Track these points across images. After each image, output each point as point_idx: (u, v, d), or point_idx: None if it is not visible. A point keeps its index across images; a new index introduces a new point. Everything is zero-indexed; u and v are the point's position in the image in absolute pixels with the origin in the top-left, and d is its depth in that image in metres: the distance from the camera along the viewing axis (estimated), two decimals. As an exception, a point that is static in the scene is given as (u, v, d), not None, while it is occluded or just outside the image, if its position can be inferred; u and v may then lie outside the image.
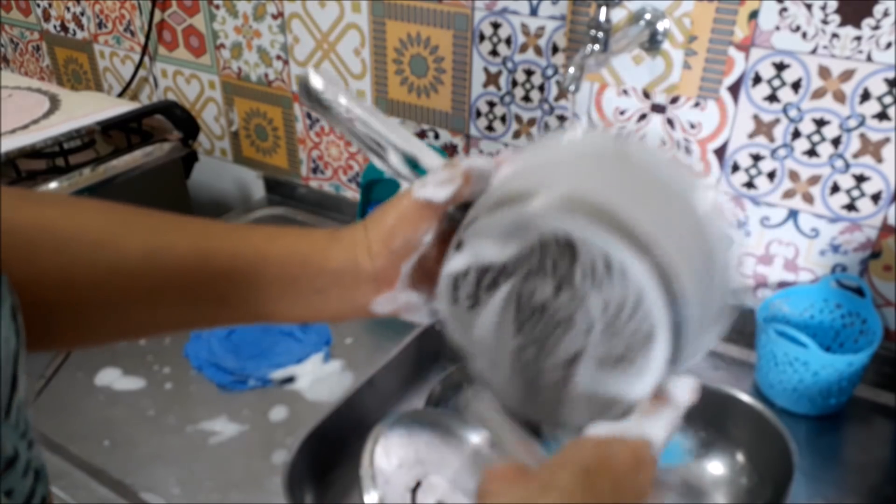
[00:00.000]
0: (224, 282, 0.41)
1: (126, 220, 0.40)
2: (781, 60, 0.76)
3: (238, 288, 0.41)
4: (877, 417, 0.79)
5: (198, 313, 0.42)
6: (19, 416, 0.27)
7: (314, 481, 0.76)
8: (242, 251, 0.41)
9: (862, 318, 0.80)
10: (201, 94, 1.26)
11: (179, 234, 0.40)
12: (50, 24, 1.39)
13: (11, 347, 0.27)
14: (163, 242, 0.39)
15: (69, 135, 1.01)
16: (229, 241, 0.41)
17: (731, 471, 0.81)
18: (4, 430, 0.26)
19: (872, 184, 0.77)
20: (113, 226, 0.39)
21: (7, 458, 0.26)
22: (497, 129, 0.97)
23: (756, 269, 0.87)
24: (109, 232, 0.38)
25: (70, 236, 0.37)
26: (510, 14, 0.89)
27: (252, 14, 1.11)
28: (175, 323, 0.43)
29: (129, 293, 0.39)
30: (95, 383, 0.83)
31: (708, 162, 0.84)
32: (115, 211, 0.40)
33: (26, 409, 0.28)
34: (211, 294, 0.41)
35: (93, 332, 0.40)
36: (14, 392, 0.26)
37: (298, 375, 0.84)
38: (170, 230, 0.40)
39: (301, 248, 0.42)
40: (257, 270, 0.41)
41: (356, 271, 0.42)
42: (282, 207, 1.21)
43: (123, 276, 0.38)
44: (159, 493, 0.70)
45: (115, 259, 0.38)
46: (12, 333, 0.27)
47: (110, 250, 0.38)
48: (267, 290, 0.42)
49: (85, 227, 0.38)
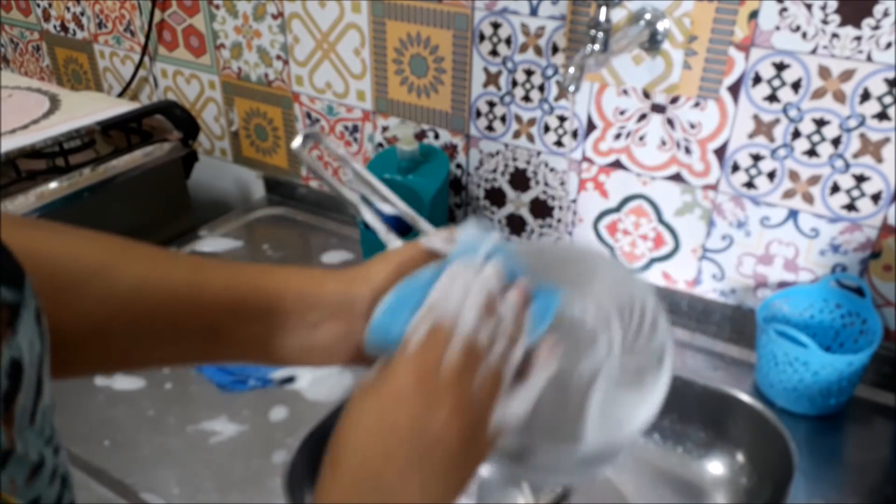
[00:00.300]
0: (215, 315, 0.40)
1: (119, 250, 0.39)
2: (781, 60, 0.76)
3: (229, 321, 0.40)
4: (877, 417, 0.79)
5: (189, 348, 0.41)
6: (44, 421, 0.27)
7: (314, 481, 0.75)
8: (235, 283, 0.41)
9: (862, 318, 0.80)
10: (201, 94, 1.26)
11: (172, 266, 0.40)
12: (50, 24, 1.39)
13: (36, 351, 0.26)
14: (154, 274, 0.39)
15: (69, 135, 1.01)
16: (222, 274, 0.41)
17: (730, 471, 0.81)
18: (30, 436, 0.25)
19: (872, 184, 0.77)
20: (105, 255, 0.38)
21: (33, 464, 0.25)
22: (497, 129, 0.97)
23: (756, 269, 0.87)
24: (101, 261, 0.38)
25: (62, 264, 0.37)
26: (510, 14, 0.89)
27: (252, 14, 1.11)
28: (165, 357, 0.42)
29: (116, 324, 0.38)
30: (95, 383, 0.83)
31: (708, 162, 0.84)
32: (108, 241, 0.39)
33: (52, 414, 0.28)
34: (202, 327, 0.40)
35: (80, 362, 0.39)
36: (39, 397, 0.26)
37: (298, 375, 0.84)
38: (162, 262, 0.40)
39: (297, 280, 0.42)
40: (249, 303, 0.40)
41: (353, 303, 0.41)
42: (282, 207, 1.21)
43: (112, 306, 0.37)
44: (159, 493, 0.70)
45: (105, 288, 0.37)
46: (37, 337, 0.26)
47: (101, 279, 0.37)
48: (260, 324, 0.41)
49: (77, 254, 0.37)
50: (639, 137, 0.87)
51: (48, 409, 0.27)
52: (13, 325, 0.24)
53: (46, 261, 0.36)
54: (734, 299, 0.90)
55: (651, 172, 0.88)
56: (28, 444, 0.25)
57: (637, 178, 0.89)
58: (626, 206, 0.92)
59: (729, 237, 0.87)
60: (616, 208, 0.93)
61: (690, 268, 0.91)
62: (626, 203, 0.92)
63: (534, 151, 0.95)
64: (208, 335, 0.40)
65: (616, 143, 0.89)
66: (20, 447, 0.24)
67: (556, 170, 0.95)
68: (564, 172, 0.94)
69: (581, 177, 0.93)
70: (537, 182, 0.97)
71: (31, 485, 0.25)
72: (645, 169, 0.88)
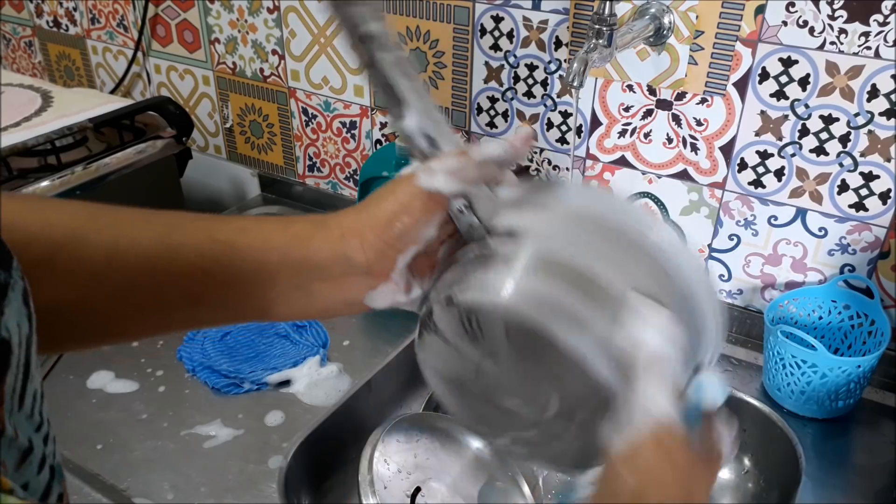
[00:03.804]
0: (193, 280, 0.37)
1: (89, 216, 0.37)
2: (789, 56, 0.74)
3: (210, 286, 0.38)
4: (884, 420, 0.78)
5: (174, 314, 0.38)
6: (34, 407, 0.26)
7: (311, 487, 0.74)
8: (210, 246, 0.37)
9: (870, 318, 0.78)
10: (195, 90, 1.24)
11: (143, 229, 0.37)
12: (42, 19, 1.37)
13: (25, 332, 0.26)
14: (125, 240, 0.36)
15: (61, 132, 0.99)
16: (197, 234, 0.38)
17: (737, 475, 0.79)
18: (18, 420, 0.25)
19: (881, 182, 0.75)
20: (76, 222, 0.36)
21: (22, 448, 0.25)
22: (499, 125, 0.95)
23: (764, 269, 0.86)
24: (72, 229, 0.35)
25: (34, 234, 0.35)
26: (512, 7, 0.87)
27: (247, 8, 1.09)
28: (151, 326, 0.39)
29: (93, 294, 0.36)
30: (88, 386, 0.82)
31: (715, 159, 0.83)
32: (78, 207, 0.37)
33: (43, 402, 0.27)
34: (181, 294, 0.37)
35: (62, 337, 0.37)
36: (27, 379, 0.26)
37: (295, 378, 0.83)
38: (133, 226, 0.37)
39: (279, 240, 0.38)
40: (229, 266, 0.37)
41: (345, 263, 0.38)
42: (277, 206, 1.20)
43: (85, 276, 0.35)
44: (153, 497, 0.68)
45: (76, 257, 0.35)
46: (25, 318, 0.26)
47: (72, 248, 0.35)
48: (241, 288, 0.38)
49: (49, 224, 0.35)
50: (644, 134, 0.85)
51: (38, 395, 0.26)
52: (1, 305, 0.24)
53: (22, 233, 0.34)
54: (741, 300, 0.89)
55: (657, 170, 0.87)
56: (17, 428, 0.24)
57: (643, 175, 0.88)
58: (630, 204, 0.90)
59: (736, 237, 0.85)
60: (619, 207, 0.91)
61: (695, 268, 0.90)
62: (632, 201, 0.90)
63: (536, 148, 0.94)
64: (190, 301, 0.38)
65: (621, 140, 0.87)
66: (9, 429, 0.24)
67: (560, 167, 0.93)
68: (568, 170, 0.92)
69: (585, 174, 0.92)
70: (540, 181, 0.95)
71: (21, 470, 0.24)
72: (650, 167, 0.87)
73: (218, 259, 0.37)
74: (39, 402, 0.27)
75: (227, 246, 0.38)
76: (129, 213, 0.38)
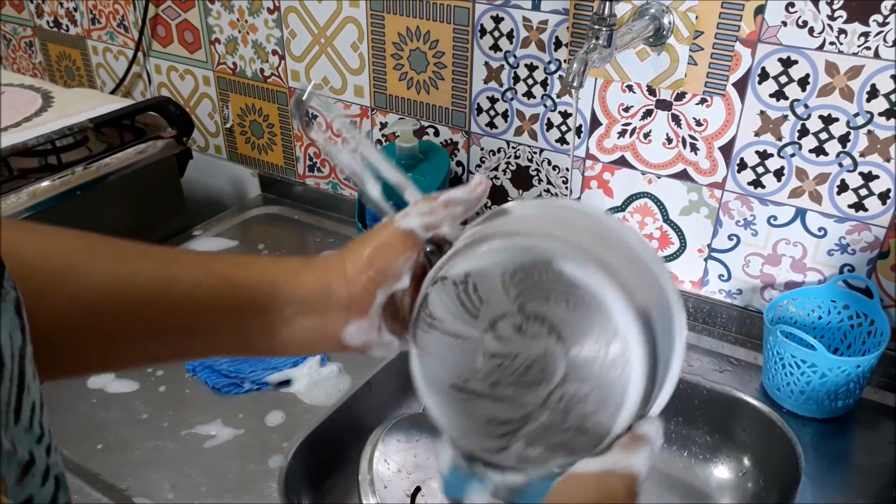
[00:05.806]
0: (188, 312, 0.39)
1: (88, 248, 0.38)
2: (788, 56, 0.74)
3: (203, 318, 0.40)
4: (883, 420, 0.78)
5: (166, 345, 0.40)
6: (33, 418, 0.26)
7: (311, 486, 0.74)
8: (206, 279, 0.40)
9: (870, 318, 0.79)
10: (196, 90, 1.24)
11: (142, 261, 0.39)
12: (43, 19, 1.37)
13: (17, 343, 0.26)
14: (123, 272, 0.38)
15: (61, 132, 0.99)
16: (193, 267, 0.40)
17: (736, 475, 0.79)
18: (16, 433, 0.24)
19: (880, 182, 0.75)
20: (77, 254, 0.37)
21: (22, 462, 0.25)
22: (499, 125, 0.95)
23: (763, 269, 0.86)
24: (73, 260, 0.37)
25: (36, 264, 0.36)
26: (512, 8, 0.87)
27: (248, 8, 1.09)
28: (144, 355, 0.41)
29: (91, 324, 0.37)
30: (88, 385, 0.82)
31: (714, 160, 0.83)
32: (78, 238, 0.38)
33: (43, 413, 0.27)
34: (176, 324, 0.39)
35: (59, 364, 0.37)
36: (23, 392, 0.25)
37: (295, 378, 0.83)
38: (131, 259, 0.39)
39: (270, 275, 0.41)
40: (222, 299, 0.40)
41: (327, 297, 0.41)
42: (277, 206, 1.20)
43: (84, 307, 0.37)
44: (153, 497, 0.68)
45: (75, 288, 0.36)
46: (17, 329, 0.26)
47: (72, 279, 0.36)
48: (233, 320, 0.40)
49: (51, 255, 0.37)
50: (644, 134, 0.86)
51: (38, 406, 0.26)
52: None
53: (22, 262, 0.35)
54: (741, 300, 0.89)
55: (656, 170, 0.87)
56: (16, 442, 0.24)
57: (642, 176, 0.88)
58: (632, 204, 0.90)
59: (735, 237, 0.85)
60: (621, 207, 0.91)
61: (696, 268, 0.90)
62: (632, 202, 0.90)
63: (536, 149, 0.94)
64: (183, 331, 0.40)
65: (621, 141, 0.87)
66: (6, 444, 0.24)
67: (559, 167, 0.93)
68: (568, 170, 0.93)
69: (585, 174, 0.92)
70: (540, 180, 0.96)
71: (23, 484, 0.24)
72: (650, 167, 0.87)
73: (213, 291, 0.40)
74: (39, 414, 0.27)
75: (223, 279, 0.40)
76: (127, 245, 0.40)
